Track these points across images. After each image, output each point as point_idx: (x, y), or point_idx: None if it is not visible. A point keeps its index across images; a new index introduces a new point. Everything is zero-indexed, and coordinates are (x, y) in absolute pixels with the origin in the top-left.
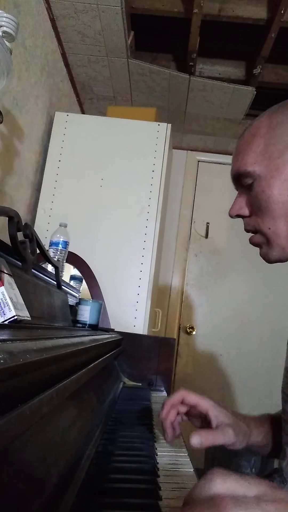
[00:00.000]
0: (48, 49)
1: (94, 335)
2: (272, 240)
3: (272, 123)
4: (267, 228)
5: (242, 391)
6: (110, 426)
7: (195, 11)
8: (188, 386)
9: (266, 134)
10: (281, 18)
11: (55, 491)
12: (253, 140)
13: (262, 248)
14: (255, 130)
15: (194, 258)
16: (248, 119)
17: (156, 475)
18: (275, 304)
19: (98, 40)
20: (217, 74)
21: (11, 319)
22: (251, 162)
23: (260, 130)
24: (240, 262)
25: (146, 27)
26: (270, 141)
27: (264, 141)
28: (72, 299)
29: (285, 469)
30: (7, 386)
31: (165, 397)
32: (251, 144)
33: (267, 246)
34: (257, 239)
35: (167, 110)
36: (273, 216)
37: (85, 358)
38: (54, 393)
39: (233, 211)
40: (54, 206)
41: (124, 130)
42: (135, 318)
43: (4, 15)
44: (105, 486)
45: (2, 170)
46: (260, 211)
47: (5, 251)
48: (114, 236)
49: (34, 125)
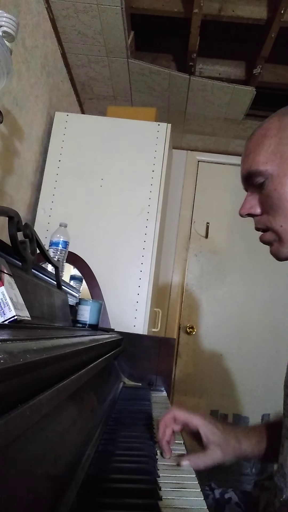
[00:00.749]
0: (48, 49)
1: (94, 335)
2: (284, 237)
3: (282, 124)
4: (279, 226)
5: (242, 391)
6: (110, 426)
7: (195, 11)
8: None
9: (277, 134)
10: (281, 18)
11: (55, 491)
12: (264, 141)
13: (273, 245)
14: (265, 131)
15: (194, 258)
16: (248, 119)
17: (156, 475)
18: (275, 304)
19: (98, 40)
20: (217, 74)
21: (11, 319)
22: (263, 162)
23: (271, 131)
24: (240, 262)
25: (146, 27)
26: (282, 141)
27: (275, 141)
28: (72, 299)
29: (284, 463)
30: (7, 386)
31: (165, 397)
32: (262, 145)
33: (278, 244)
34: (269, 236)
35: (167, 110)
36: (285, 214)
37: (85, 358)
38: (54, 393)
39: (244, 210)
40: (54, 206)
41: (124, 130)
42: (135, 318)
43: (4, 15)
44: (105, 486)
45: (2, 170)
46: (272, 209)
47: (5, 251)
48: (114, 236)
49: (34, 125)
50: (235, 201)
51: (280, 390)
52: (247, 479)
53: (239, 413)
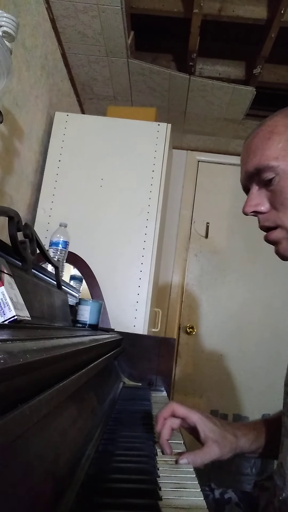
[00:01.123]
0: (48, 49)
1: (94, 335)
2: None
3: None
4: None
5: (242, 390)
6: (110, 426)
7: (195, 11)
8: (188, 386)
9: (286, 131)
10: (281, 18)
11: (55, 491)
12: (272, 137)
13: (282, 244)
14: (272, 128)
15: (194, 258)
16: (248, 119)
17: (156, 475)
18: (275, 304)
19: (98, 40)
20: (217, 74)
21: (11, 319)
22: (274, 157)
23: (278, 128)
24: (240, 262)
25: (146, 27)
26: None
27: (284, 138)
28: (72, 299)
29: (284, 462)
30: (7, 386)
31: (165, 397)
32: (271, 140)
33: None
34: (278, 234)
35: (167, 110)
36: None
37: (85, 358)
38: (54, 393)
39: (249, 207)
40: (54, 206)
41: (124, 130)
42: (135, 318)
43: (4, 15)
44: (105, 486)
45: (2, 170)
46: (282, 205)
47: (5, 251)
48: (114, 236)
49: (34, 125)
50: (235, 201)
51: (280, 390)
52: (247, 479)
53: (239, 413)
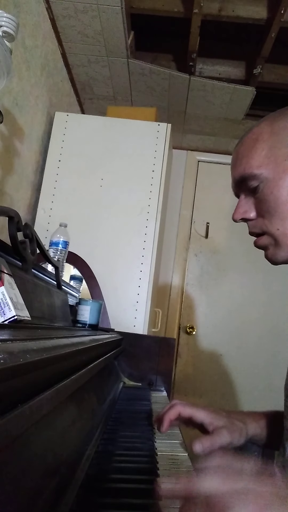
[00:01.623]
0: (48, 49)
1: (94, 335)
2: (281, 240)
3: (274, 128)
4: (276, 229)
5: (242, 390)
6: (110, 426)
7: (195, 11)
8: (188, 386)
9: (269, 138)
10: (281, 18)
11: (55, 491)
12: (256, 145)
13: (269, 249)
14: (257, 135)
15: (194, 258)
16: (248, 119)
17: (156, 475)
18: (274, 304)
19: (98, 40)
20: (217, 74)
21: (11, 319)
22: (257, 165)
23: (263, 136)
24: (240, 262)
25: (146, 27)
26: (275, 144)
27: (268, 145)
28: (72, 299)
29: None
30: (7, 386)
31: (165, 397)
32: (254, 148)
33: (274, 247)
34: (264, 240)
35: (167, 110)
36: (282, 217)
37: (85, 358)
38: (54, 393)
39: (238, 215)
40: (54, 206)
41: (124, 130)
42: (135, 318)
43: (4, 15)
44: (105, 486)
45: (2, 170)
46: (268, 213)
47: (5, 251)
48: (114, 236)
49: (34, 125)
50: (235, 201)
51: (280, 390)
52: None
53: None
